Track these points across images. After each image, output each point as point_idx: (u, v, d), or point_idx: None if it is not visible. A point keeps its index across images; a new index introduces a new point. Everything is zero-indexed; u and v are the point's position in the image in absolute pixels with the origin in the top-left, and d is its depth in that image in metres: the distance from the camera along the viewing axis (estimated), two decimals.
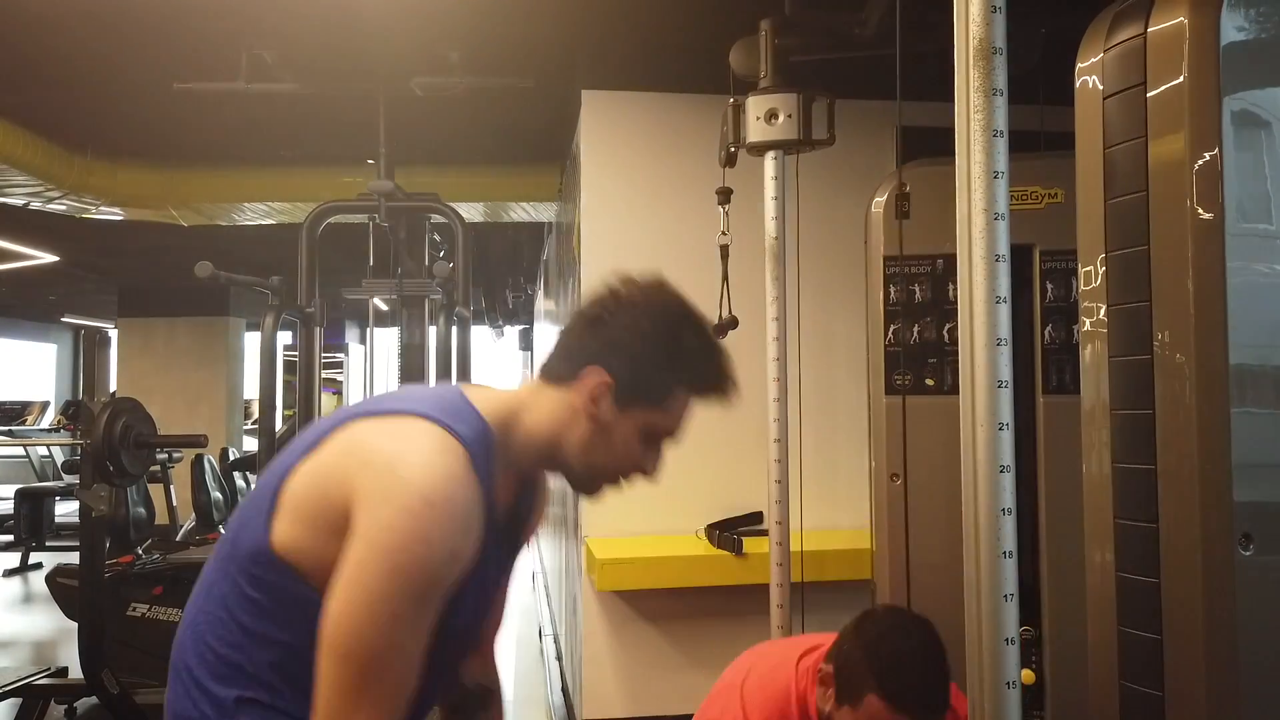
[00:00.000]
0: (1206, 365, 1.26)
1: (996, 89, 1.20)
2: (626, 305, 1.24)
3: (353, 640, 1.03)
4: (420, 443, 1.09)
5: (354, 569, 1.04)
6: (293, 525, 1.11)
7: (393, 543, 1.03)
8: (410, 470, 1.06)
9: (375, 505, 1.04)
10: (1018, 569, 1.19)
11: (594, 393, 1.20)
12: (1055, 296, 2.31)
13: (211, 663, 1.14)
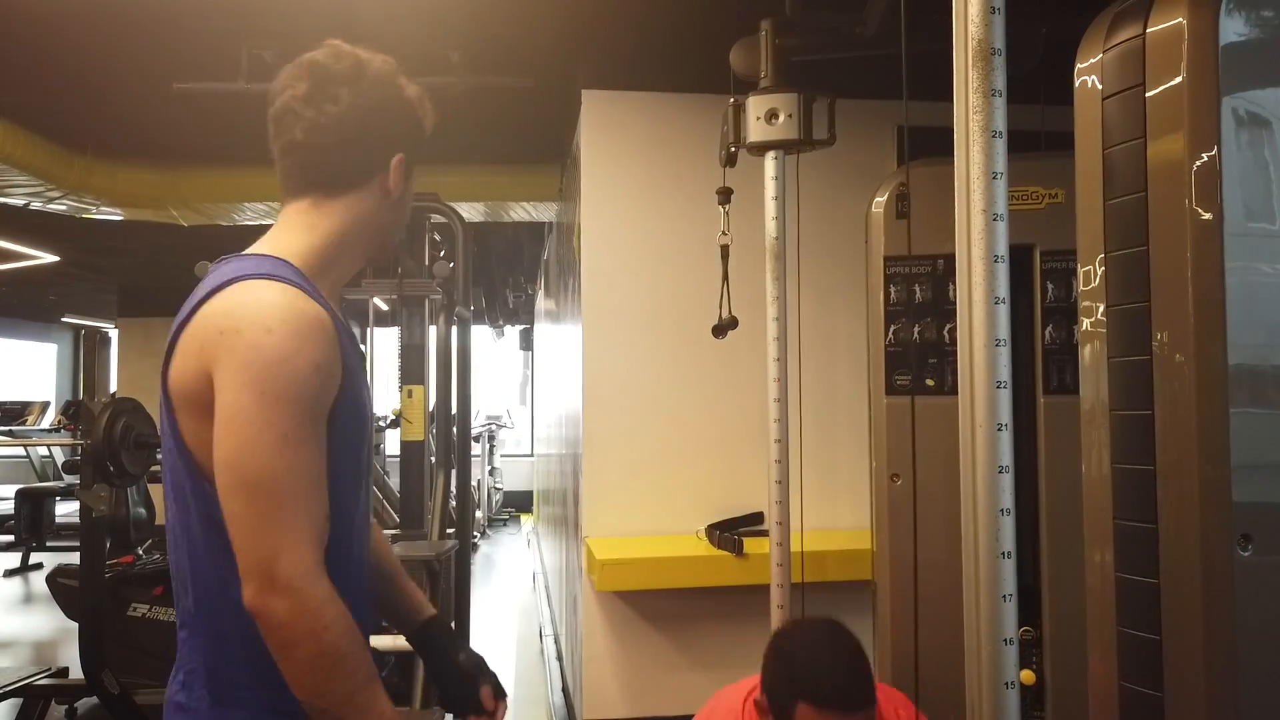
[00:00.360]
0: (1205, 366, 1.26)
1: (995, 90, 1.20)
2: (379, 80, 1.26)
3: (250, 473, 1.04)
4: (245, 294, 1.11)
5: (228, 411, 1.06)
6: (188, 421, 1.12)
7: (254, 374, 1.05)
8: (246, 315, 1.08)
9: (227, 354, 1.07)
10: (1018, 569, 1.19)
11: (399, 174, 1.26)
12: (1055, 296, 2.31)
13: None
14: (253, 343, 1.06)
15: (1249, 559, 1.21)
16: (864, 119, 3.28)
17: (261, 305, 1.09)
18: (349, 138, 1.22)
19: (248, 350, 1.06)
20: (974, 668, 1.17)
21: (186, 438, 1.12)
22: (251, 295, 1.10)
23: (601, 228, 3.34)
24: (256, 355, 1.06)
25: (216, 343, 1.08)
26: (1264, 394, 1.28)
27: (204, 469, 1.11)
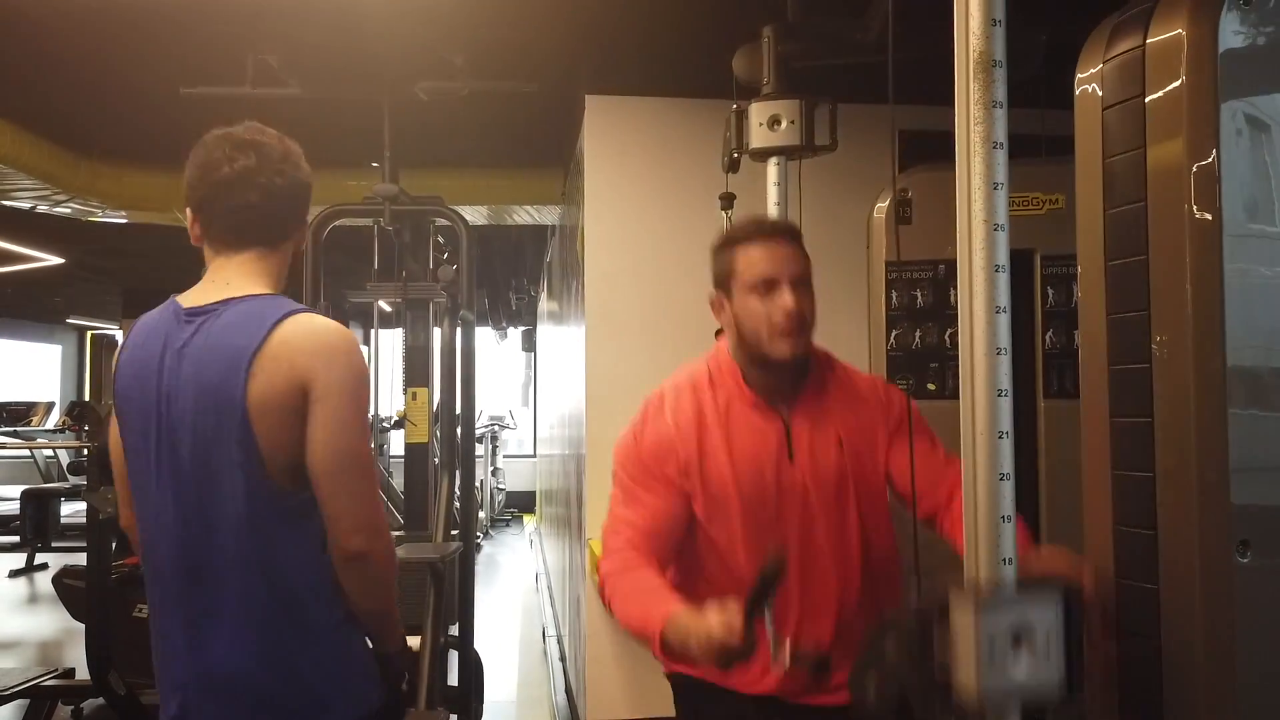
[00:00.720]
0: (1203, 370, 1.28)
1: (996, 101, 1.21)
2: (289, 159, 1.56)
3: (357, 458, 1.43)
4: (317, 323, 1.46)
5: (337, 414, 1.41)
6: (268, 426, 1.41)
7: (352, 385, 1.43)
8: (334, 340, 1.44)
9: (327, 369, 1.41)
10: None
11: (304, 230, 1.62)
12: (1056, 301, 2.32)
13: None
14: (349, 362, 1.44)
15: (1248, 564, 1.23)
16: (866, 123, 3.28)
17: (339, 332, 1.46)
18: (290, 204, 1.54)
19: (346, 368, 1.43)
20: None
21: (262, 441, 1.39)
22: (322, 324, 1.46)
23: (604, 232, 3.36)
24: (352, 371, 1.44)
25: (311, 362, 1.40)
26: (1262, 397, 1.30)
27: (272, 466, 1.40)
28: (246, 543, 1.40)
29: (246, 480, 1.39)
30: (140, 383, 1.46)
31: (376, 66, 3.52)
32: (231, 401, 1.37)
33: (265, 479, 1.39)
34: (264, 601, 1.41)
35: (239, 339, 1.40)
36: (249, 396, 1.37)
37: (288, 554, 1.43)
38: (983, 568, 1.19)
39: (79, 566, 4.56)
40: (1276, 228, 1.32)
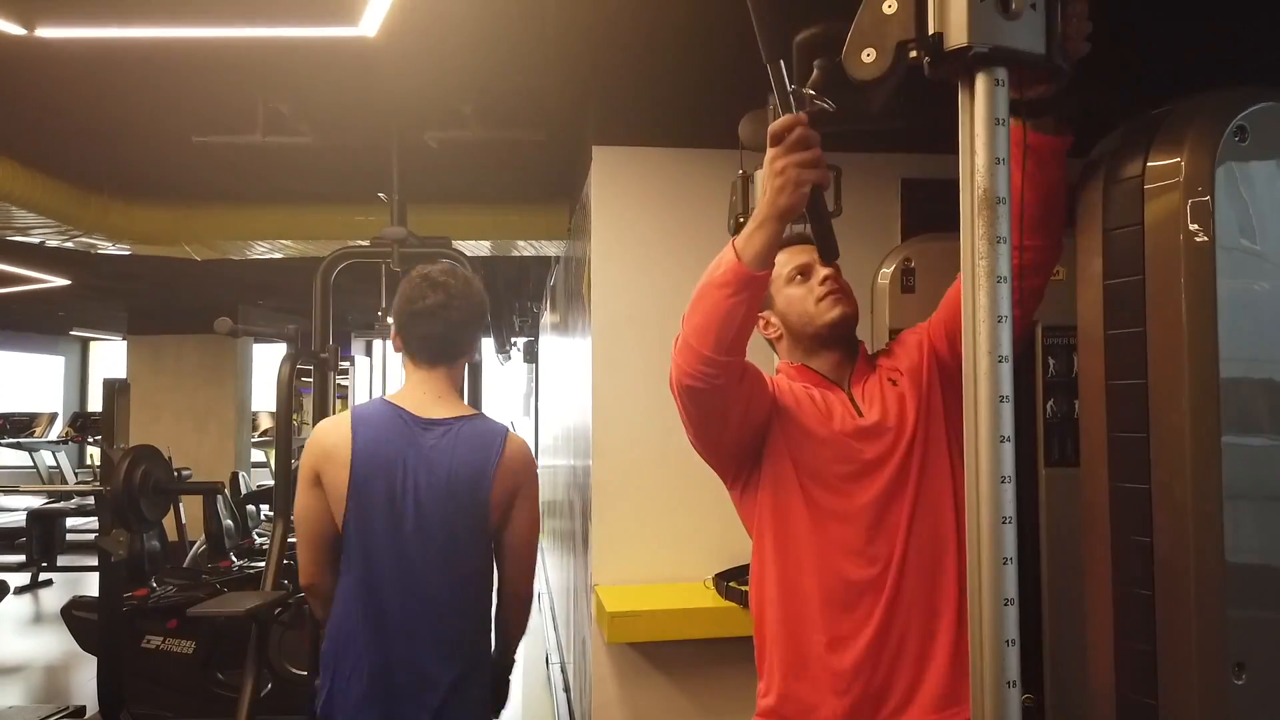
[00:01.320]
0: (1200, 440, 1.32)
1: (1000, 237, 1.26)
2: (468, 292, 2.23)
3: (536, 535, 2.25)
4: (522, 444, 2.21)
5: (532, 515, 2.20)
6: (498, 518, 2.17)
7: (535, 491, 2.22)
8: (528, 460, 2.21)
9: (529, 483, 2.20)
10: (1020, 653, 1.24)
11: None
12: (1057, 371, 2.37)
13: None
14: (536, 475, 2.23)
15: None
16: (867, 173, 3.34)
17: (529, 452, 2.23)
18: (465, 332, 2.19)
19: (536, 480, 2.22)
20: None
21: (491, 523, 2.13)
22: (523, 447, 2.20)
23: (611, 278, 3.40)
24: (536, 483, 2.23)
25: (522, 476, 2.17)
26: (1256, 419, 1.34)
27: (492, 541, 2.19)
28: (471, 587, 2.14)
29: (480, 548, 2.14)
30: (386, 471, 2.05)
31: (386, 115, 3.57)
32: (480, 496, 2.08)
33: (488, 548, 2.16)
34: (466, 628, 2.15)
35: (482, 454, 2.10)
36: (491, 495, 2.09)
37: (487, 594, 2.20)
38: (987, 650, 1.23)
39: (89, 598, 4.62)
40: (1270, 378, 1.36)
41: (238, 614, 3.00)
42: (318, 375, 3.87)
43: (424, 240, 3.89)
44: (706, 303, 1.54)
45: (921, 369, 1.78)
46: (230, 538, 5.65)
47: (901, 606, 1.64)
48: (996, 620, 1.24)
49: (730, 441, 1.71)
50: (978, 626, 1.25)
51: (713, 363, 1.55)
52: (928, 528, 1.68)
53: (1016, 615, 1.24)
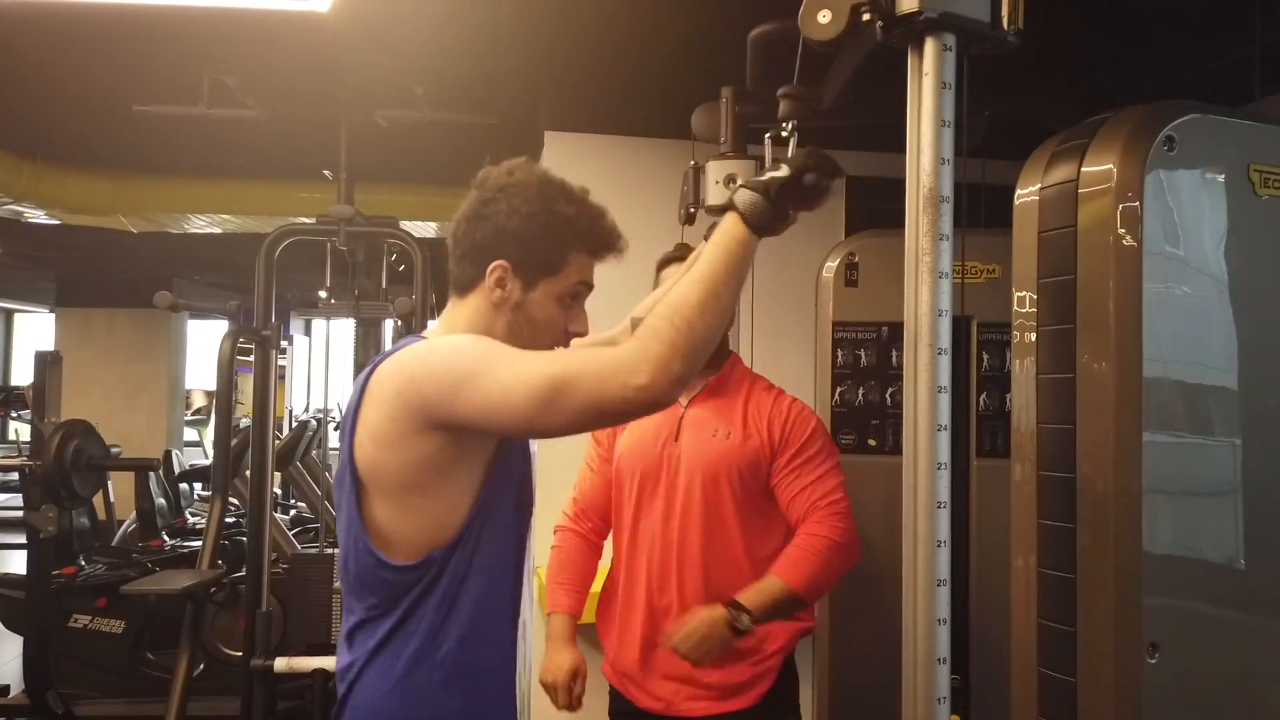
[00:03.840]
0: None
1: (943, 234, 1.31)
2: (498, 193, 1.38)
3: (527, 376, 1.31)
4: (410, 348, 1.36)
5: (479, 385, 1.31)
6: None
7: (455, 363, 1.31)
8: (417, 352, 1.33)
9: (429, 379, 1.31)
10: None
11: (498, 280, 1.35)
12: (991, 366, 2.45)
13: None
14: (438, 355, 1.36)
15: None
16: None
17: (423, 344, 1.44)
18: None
19: (437, 362, 1.34)
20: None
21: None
22: (415, 345, 1.45)
23: None
24: (446, 357, 1.35)
25: (417, 376, 1.36)
26: (1175, 415, 1.42)
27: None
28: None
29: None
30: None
31: (335, 92, 3.52)
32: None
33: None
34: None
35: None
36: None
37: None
38: (919, 628, 1.29)
39: (13, 575, 4.49)
40: (1189, 379, 1.43)
41: (173, 592, 2.96)
42: (259, 354, 3.81)
43: (371, 220, 3.85)
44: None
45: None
46: (163, 516, 5.53)
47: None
48: (929, 600, 1.30)
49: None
50: (912, 606, 1.32)
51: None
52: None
53: (948, 596, 1.30)
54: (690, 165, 2.64)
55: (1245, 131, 1.47)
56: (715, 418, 2.00)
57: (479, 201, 1.39)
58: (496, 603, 1.37)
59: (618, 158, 3.40)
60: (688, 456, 1.98)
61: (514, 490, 1.40)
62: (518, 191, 1.37)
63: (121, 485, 6.32)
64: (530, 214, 1.36)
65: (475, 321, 1.37)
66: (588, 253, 1.41)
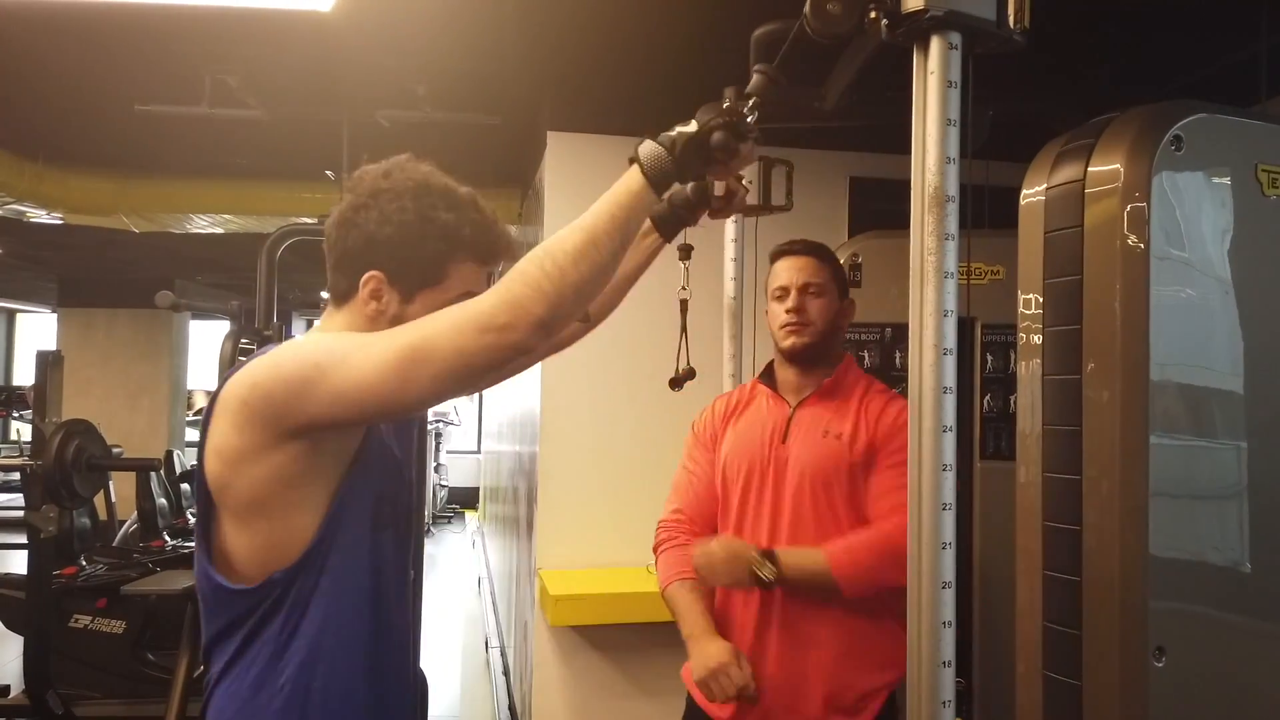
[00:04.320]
0: (1129, 432, 1.38)
1: (949, 234, 1.30)
2: (371, 199, 1.27)
3: (379, 355, 1.21)
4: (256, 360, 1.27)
5: (325, 373, 1.20)
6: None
7: (300, 360, 1.21)
8: (263, 362, 1.22)
9: (276, 380, 1.19)
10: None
11: (372, 292, 1.24)
12: (994, 368, 2.45)
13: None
14: (281, 358, 1.25)
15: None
16: (817, 169, 3.39)
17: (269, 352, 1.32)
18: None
19: (282, 363, 1.24)
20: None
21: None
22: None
23: None
24: (292, 357, 1.24)
25: (263, 382, 1.24)
26: (1182, 419, 1.41)
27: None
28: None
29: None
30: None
31: (337, 92, 3.52)
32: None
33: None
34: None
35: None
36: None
37: None
38: (925, 630, 1.28)
39: (14, 576, 4.48)
40: (1195, 382, 1.42)
41: (174, 593, 2.95)
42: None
43: None
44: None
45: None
46: (164, 517, 5.52)
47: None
48: (934, 602, 1.29)
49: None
50: (916, 609, 1.31)
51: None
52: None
53: (953, 598, 1.29)
54: None
55: (1253, 131, 1.46)
56: (828, 418, 1.90)
57: (350, 207, 1.28)
58: (345, 626, 1.25)
59: (621, 158, 3.37)
60: (797, 457, 1.87)
61: (369, 509, 1.28)
62: (392, 197, 1.26)
63: (123, 486, 6.32)
64: (404, 222, 1.24)
65: (354, 331, 1.26)
66: (474, 261, 1.29)
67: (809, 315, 1.92)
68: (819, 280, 1.94)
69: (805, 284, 1.94)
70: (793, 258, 1.98)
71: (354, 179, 1.32)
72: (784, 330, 1.93)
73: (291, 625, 1.22)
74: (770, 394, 1.97)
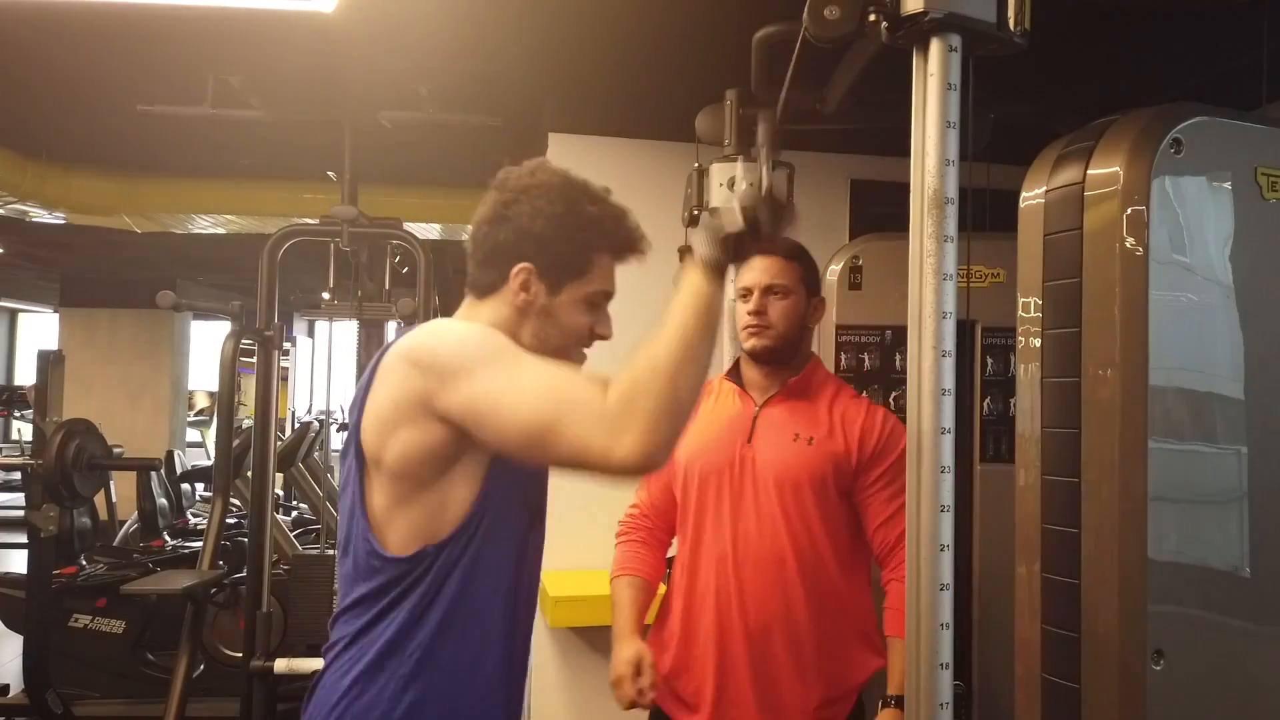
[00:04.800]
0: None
1: (948, 236, 1.31)
2: (520, 195, 1.34)
3: (525, 412, 1.23)
4: (416, 332, 1.32)
5: (474, 397, 1.24)
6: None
7: (457, 363, 1.25)
8: (425, 338, 1.30)
9: (440, 371, 1.25)
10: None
11: (522, 284, 1.32)
12: (994, 370, 2.45)
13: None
14: (446, 345, 1.30)
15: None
16: (818, 172, 3.39)
17: (430, 329, 1.37)
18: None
19: (447, 354, 1.28)
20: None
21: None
22: (420, 330, 1.39)
23: None
24: (452, 351, 1.29)
25: (424, 365, 1.28)
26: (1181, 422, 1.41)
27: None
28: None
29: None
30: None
31: (339, 93, 3.52)
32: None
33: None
34: None
35: None
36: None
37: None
38: (923, 631, 1.28)
39: (14, 575, 4.49)
40: (1195, 386, 1.42)
41: (174, 592, 2.95)
42: (261, 354, 3.81)
43: (374, 221, 3.85)
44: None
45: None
46: (164, 517, 5.53)
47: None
48: (932, 604, 1.29)
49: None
50: (914, 610, 1.31)
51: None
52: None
53: (951, 600, 1.29)
54: (694, 168, 2.64)
55: (1253, 135, 1.46)
56: (795, 421, 1.87)
57: (500, 203, 1.34)
58: (483, 600, 1.30)
59: (622, 160, 3.40)
60: (767, 461, 1.85)
61: (520, 491, 1.35)
62: (541, 192, 1.33)
63: (123, 486, 6.33)
64: (555, 215, 1.32)
65: (498, 325, 1.32)
66: (611, 254, 1.37)
67: (769, 318, 1.88)
68: (784, 281, 1.90)
69: (769, 285, 1.89)
70: (760, 257, 1.89)
71: (500, 178, 1.38)
72: (745, 331, 1.90)
73: (431, 595, 1.27)
74: (736, 390, 1.95)
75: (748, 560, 1.82)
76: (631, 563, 1.97)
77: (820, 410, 1.88)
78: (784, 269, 1.90)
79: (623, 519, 2.06)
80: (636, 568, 1.96)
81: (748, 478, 1.85)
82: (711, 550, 1.86)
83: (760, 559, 1.81)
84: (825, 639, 1.82)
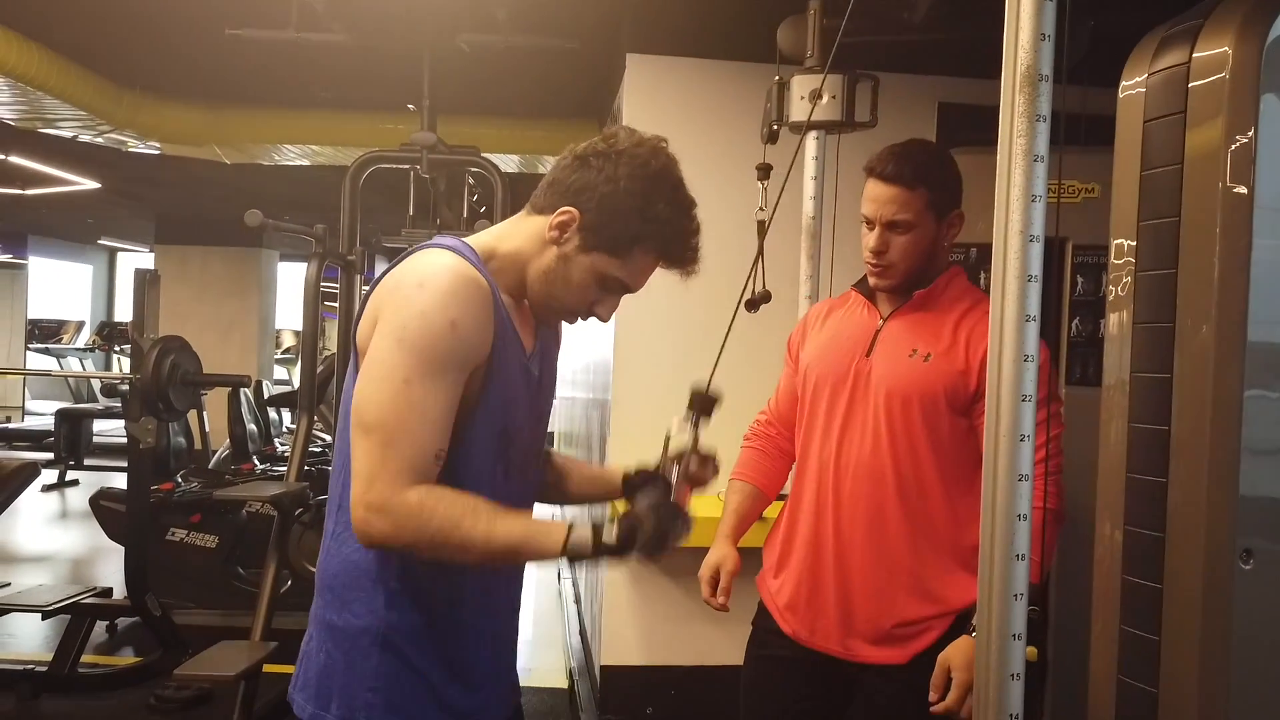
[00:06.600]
0: (1225, 336, 1.32)
1: (1040, 115, 1.24)
2: (613, 155, 1.31)
3: (374, 410, 1.21)
4: (415, 258, 1.28)
5: (370, 355, 1.23)
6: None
7: (395, 322, 1.21)
8: (405, 274, 1.25)
9: (384, 308, 1.23)
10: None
11: (560, 224, 1.30)
12: (1085, 290, 2.36)
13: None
14: (404, 296, 1.22)
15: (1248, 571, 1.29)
16: (904, 94, 3.28)
17: (419, 267, 1.25)
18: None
19: (396, 303, 1.22)
20: (982, 668, 1.26)
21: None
22: (419, 258, 1.28)
23: None
24: (401, 306, 1.22)
25: (382, 298, 1.25)
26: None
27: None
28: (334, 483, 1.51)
29: (344, 419, 1.45)
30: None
31: (419, 15, 3.53)
32: (354, 339, 1.38)
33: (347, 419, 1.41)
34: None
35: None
36: (358, 335, 1.36)
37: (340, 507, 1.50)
38: (997, 569, 1.25)
39: (116, 489, 4.74)
40: None
41: (263, 498, 3.06)
42: (344, 280, 3.90)
43: (453, 149, 3.88)
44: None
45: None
46: (253, 442, 5.76)
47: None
48: (1008, 533, 1.24)
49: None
50: (989, 539, 1.26)
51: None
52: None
53: (1028, 531, 1.24)
54: (774, 81, 2.58)
55: None
56: (915, 336, 1.77)
57: (593, 150, 1.32)
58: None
59: (701, 81, 3.34)
60: (880, 375, 1.76)
61: (494, 444, 1.32)
62: (630, 165, 1.30)
63: (216, 416, 6.60)
64: (627, 191, 1.29)
65: (528, 243, 1.33)
66: (655, 256, 1.34)
67: (890, 257, 1.76)
68: (907, 216, 1.75)
69: (891, 220, 1.76)
70: (881, 185, 1.76)
71: (612, 130, 1.35)
72: (869, 265, 1.81)
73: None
74: (865, 302, 1.87)
75: (847, 473, 1.77)
76: (746, 468, 1.97)
77: (945, 326, 1.77)
78: (907, 201, 1.75)
79: (751, 424, 2.05)
80: (751, 474, 1.95)
81: (860, 391, 1.78)
82: (816, 459, 1.82)
83: (859, 473, 1.76)
84: (920, 560, 1.74)
